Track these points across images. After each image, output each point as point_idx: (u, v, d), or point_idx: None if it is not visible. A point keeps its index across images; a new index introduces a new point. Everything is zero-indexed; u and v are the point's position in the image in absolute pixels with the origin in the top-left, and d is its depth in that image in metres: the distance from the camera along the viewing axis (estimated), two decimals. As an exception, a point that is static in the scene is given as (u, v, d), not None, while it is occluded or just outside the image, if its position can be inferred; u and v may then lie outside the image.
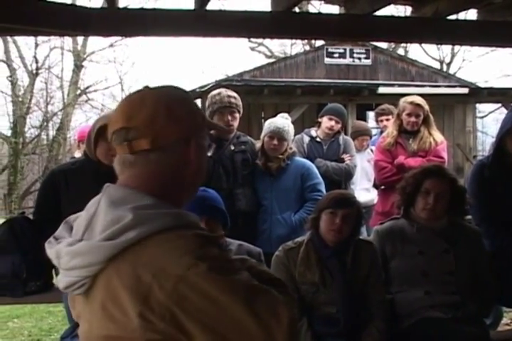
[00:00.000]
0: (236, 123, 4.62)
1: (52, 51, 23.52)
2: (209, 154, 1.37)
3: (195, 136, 1.52)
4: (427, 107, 5.20)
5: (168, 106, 1.48)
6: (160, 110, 1.47)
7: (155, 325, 1.31)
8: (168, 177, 1.49)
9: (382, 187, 5.44)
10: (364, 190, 6.46)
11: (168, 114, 1.47)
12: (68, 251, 1.40)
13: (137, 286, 1.31)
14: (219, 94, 4.58)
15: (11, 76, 22.11)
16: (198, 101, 14.16)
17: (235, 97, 4.59)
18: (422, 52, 30.00)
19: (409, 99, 5.25)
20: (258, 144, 4.71)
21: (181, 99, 1.56)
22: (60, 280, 1.46)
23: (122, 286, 1.33)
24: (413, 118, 5.17)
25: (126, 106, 1.51)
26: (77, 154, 6.44)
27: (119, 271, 1.35)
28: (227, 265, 1.39)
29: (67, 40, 23.32)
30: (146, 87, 1.57)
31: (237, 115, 4.60)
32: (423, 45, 26.28)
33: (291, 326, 1.36)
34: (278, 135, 4.59)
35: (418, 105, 5.16)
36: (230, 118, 4.53)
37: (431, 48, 29.59)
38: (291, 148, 4.71)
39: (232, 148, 4.58)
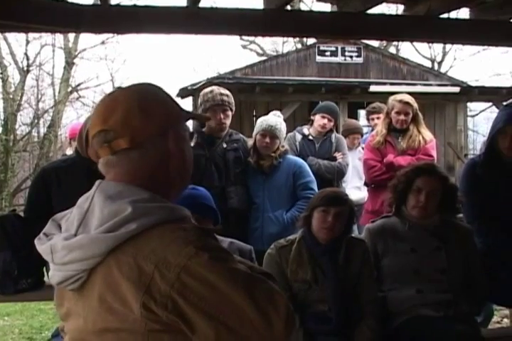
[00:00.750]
0: (228, 121, 4.61)
1: (43, 48, 23.42)
2: (192, 144, 1.40)
3: (172, 127, 1.55)
4: (415, 105, 5.20)
5: (140, 103, 1.51)
6: (133, 108, 1.49)
7: (157, 314, 1.33)
8: (154, 172, 1.51)
9: (372, 185, 5.44)
10: (355, 188, 6.47)
11: (141, 110, 1.49)
12: (65, 245, 1.40)
13: (139, 277, 1.34)
14: (211, 91, 4.57)
15: (1, 73, 21.97)
16: (190, 99, 14.17)
17: (227, 95, 4.57)
18: (413, 51, 30.02)
19: (398, 97, 5.25)
20: (250, 142, 4.71)
21: (153, 93, 1.58)
22: (53, 276, 1.46)
23: (123, 277, 1.35)
24: (402, 117, 5.16)
25: (101, 109, 1.54)
26: (69, 151, 6.42)
27: (119, 262, 1.36)
28: (226, 255, 1.42)
29: (59, 37, 23.18)
30: (119, 88, 1.61)
31: (230, 113, 4.59)
32: (415, 43, 26.30)
33: (288, 314, 1.39)
34: (270, 133, 4.59)
35: (407, 103, 5.15)
36: (222, 116, 4.52)
37: (422, 47, 29.65)
38: (283, 146, 4.71)
39: (225, 145, 4.57)
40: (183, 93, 14.61)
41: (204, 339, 1.35)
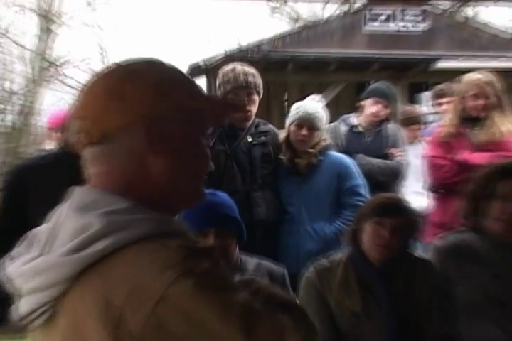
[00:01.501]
0: (255, 108, 4.62)
1: (11, 11, 23.52)
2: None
3: (162, 119, 1.51)
4: (498, 86, 5.16)
5: (124, 86, 1.50)
6: (113, 92, 1.49)
7: None
8: (135, 174, 1.50)
9: (440, 190, 5.42)
10: (417, 194, 6.45)
11: (121, 96, 1.48)
12: (23, 272, 1.41)
13: (106, 310, 1.31)
14: (233, 70, 4.58)
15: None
16: (203, 79, 14.15)
17: (253, 75, 4.59)
18: (495, 15, 29.65)
19: (475, 75, 5.22)
20: (282, 135, 4.72)
21: (144, 75, 1.55)
22: (15, 309, 1.47)
23: (88, 311, 1.34)
24: (480, 101, 5.12)
25: (82, 93, 1.56)
26: (48, 146, 6.43)
27: (86, 291, 1.35)
28: (219, 282, 1.39)
29: (33, -2, 23.31)
30: (116, 64, 1.60)
31: (256, 97, 4.60)
32: (497, 5, 26.08)
33: None
34: (308, 123, 4.60)
35: (487, 83, 5.11)
36: (246, 101, 4.54)
37: (507, 10, 29.37)
38: (324, 140, 4.72)
39: (250, 139, 4.59)
40: (195, 71, 14.61)
41: None
